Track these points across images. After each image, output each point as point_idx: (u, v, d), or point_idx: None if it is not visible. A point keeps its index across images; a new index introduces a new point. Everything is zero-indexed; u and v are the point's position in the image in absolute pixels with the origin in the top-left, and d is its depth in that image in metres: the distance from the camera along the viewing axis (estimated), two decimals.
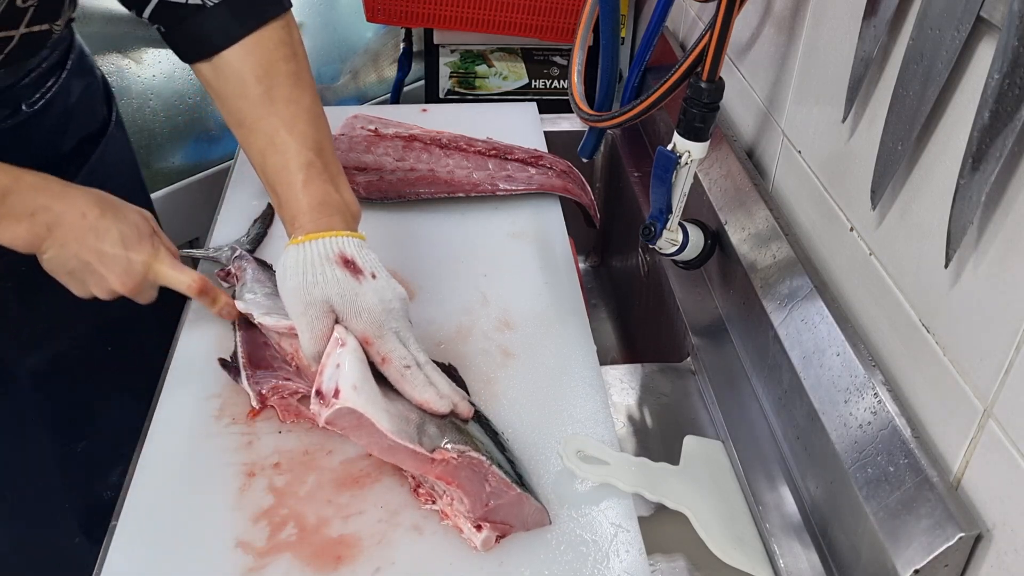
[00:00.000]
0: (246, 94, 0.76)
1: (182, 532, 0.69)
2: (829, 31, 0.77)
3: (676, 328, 1.00)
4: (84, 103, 0.92)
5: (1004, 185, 0.52)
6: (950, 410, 0.59)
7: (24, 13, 0.74)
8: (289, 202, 0.75)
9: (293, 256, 0.72)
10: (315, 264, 0.71)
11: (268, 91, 0.75)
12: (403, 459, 0.69)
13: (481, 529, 0.67)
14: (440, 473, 0.68)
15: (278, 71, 0.76)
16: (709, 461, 0.80)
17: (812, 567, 0.70)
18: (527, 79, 1.60)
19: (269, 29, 0.76)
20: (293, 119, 0.75)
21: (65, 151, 0.90)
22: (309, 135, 0.76)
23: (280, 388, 0.79)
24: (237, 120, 0.77)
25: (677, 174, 0.83)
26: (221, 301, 0.83)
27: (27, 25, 0.75)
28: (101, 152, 0.93)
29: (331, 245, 0.72)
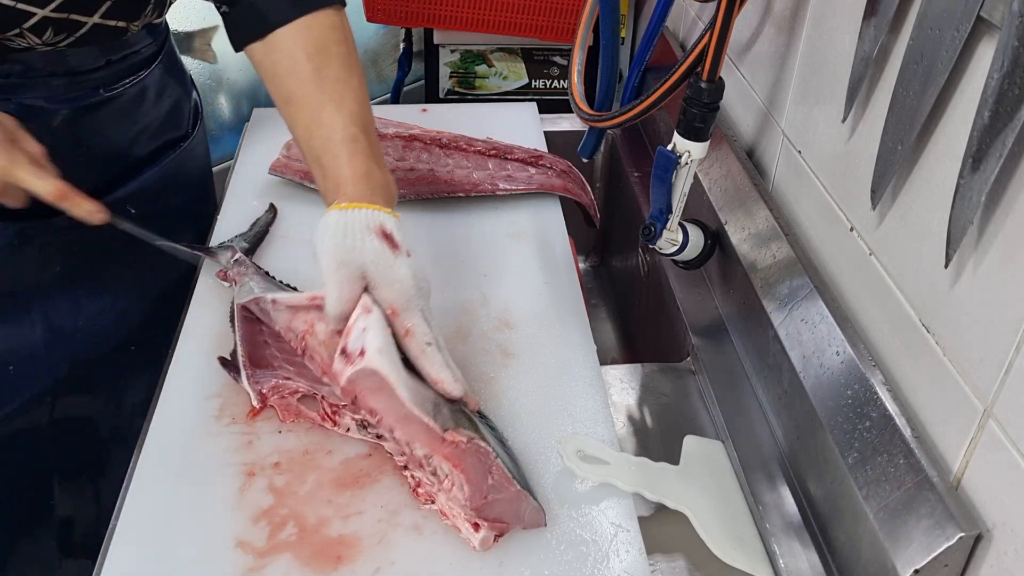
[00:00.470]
0: (296, 71, 0.78)
1: (182, 532, 0.69)
2: (829, 31, 0.77)
3: (676, 328, 1.00)
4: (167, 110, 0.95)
5: (1004, 185, 0.52)
6: (950, 410, 0.59)
7: (100, 4, 0.77)
8: (334, 172, 0.76)
9: (334, 219, 0.73)
10: (355, 230, 0.72)
11: (319, 69, 0.78)
12: (415, 432, 0.69)
13: (479, 528, 0.67)
14: (448, 454, 0.67)
15: (330, 52, 0.79)
16: (709, 461, 0.80)
17: (812, 567, 0.70)
18: (527, 79, 1.60)
19: (323, 14, 0.80)
20: (342, 97, 0.78)
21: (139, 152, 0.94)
22: (356, 113, 0.78)
23: (280, 387, 0.79)
24: (285, 97, 0.79)
25: (677, 174, 0.83)
26: (84, 206, 0.76)
27: (102, 16, 0.78)
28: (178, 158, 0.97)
29: (373, 216, 0.73)
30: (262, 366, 0.81)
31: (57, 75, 0.82)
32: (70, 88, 0.84)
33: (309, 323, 0.78)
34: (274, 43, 0.80)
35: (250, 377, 0.79)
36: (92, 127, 0.87)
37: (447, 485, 0.69)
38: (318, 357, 0.77)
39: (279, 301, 0.80)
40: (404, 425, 0.69)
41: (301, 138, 0.80)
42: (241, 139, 1.23)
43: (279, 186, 1.10)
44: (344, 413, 0.77)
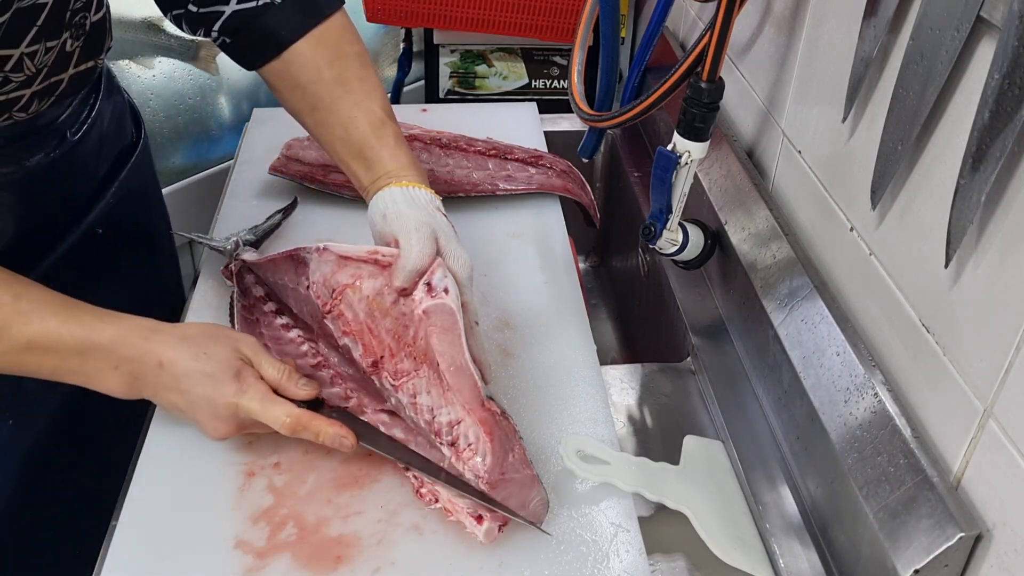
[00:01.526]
0: (321, 78, 0.81)
1: (182, 532, 0.69)
2: (829, 31, 0.77)
3: (676, 328, 1.00)
4: (114, 124, 0.93)
5: (1004, 185, 0.52)
6: (950, 410, 0.59)
7: (72, 56, 0.77)
8: (381, 160, 0.79)
9: (400, 192, 0.76)
10: (423, 203, 0.76)
11: (341, 73, 0.81)
12: (462, 385, 0.69)
13: (482, 521, 0.67)
14: (484, 419, 0.68)
15: (346, 54, 0.82)
16: (709, 461, 0.80)
17: (812, 567, 0.70)
18: (527, 79, 1.60)
19: (332, 20, 0.82)
20: (368, 94, 0.81)
21: (102, 172, 0.91)
22: (383, 106, 0.82)
23: None
24: (311, 105, 0.82)
25: (677, 174, 0.83)
26: (327, 432, 0.72)
27: (75, 66, 0.78)
28: (130, 170, 0.95)
29: (434, 198, 0.78)
30: None
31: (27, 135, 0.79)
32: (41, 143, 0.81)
33: (355, 277, 0.76)
34: (291, 58, 0.81)
35: None
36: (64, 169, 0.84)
37: (467, 455, 0.68)
38: (349, 313, 0.75)
39: (329, 249, 0.78)
40: (455, 375, 0.69)
41: (336, 138, 0.81)
42: (241, 139, 1.23)
43: (279, 186, 1.10)
44: None
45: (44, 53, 0.71)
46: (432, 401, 0.70)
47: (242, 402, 0.70)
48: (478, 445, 0.68)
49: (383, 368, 0.73)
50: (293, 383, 0.73)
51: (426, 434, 0.72)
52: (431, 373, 0.71)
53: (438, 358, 0.69)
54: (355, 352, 0.75)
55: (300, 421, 0.71)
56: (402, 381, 0.72)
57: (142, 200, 1.00)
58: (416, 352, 0.72)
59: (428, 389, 0.71)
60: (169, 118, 1.47)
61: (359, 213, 0.82)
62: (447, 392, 0.69)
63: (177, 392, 0.71)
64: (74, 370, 0.70)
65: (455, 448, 0.69)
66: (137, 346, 0.70)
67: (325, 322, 0.78)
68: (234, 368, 0.71)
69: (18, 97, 0.73)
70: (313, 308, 0.80)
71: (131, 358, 0.70)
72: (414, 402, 0.71)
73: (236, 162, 1.18)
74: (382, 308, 0.74)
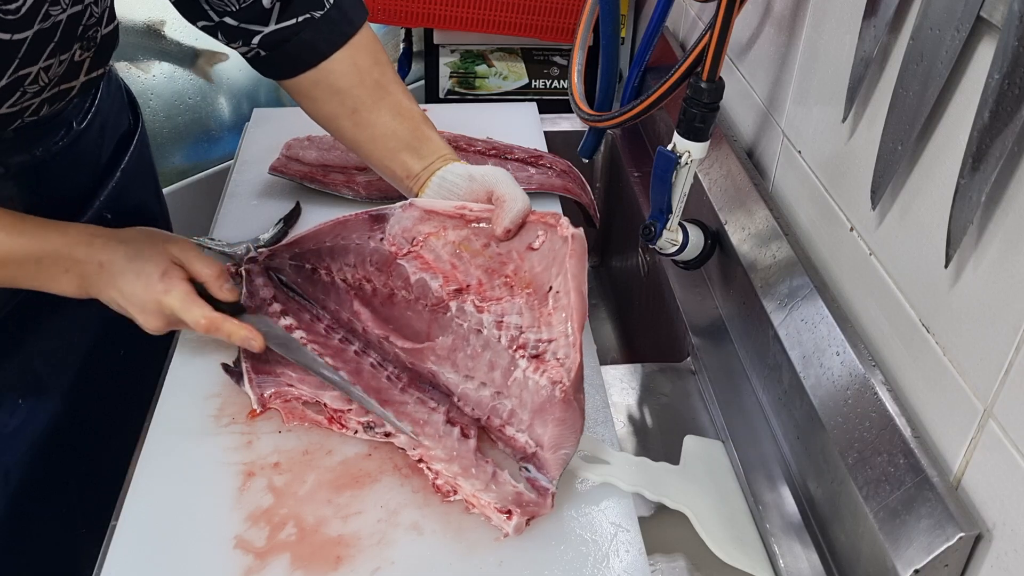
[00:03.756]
0: (363, 82, 0.85)
1: (182, 532, 0.69)
2: (829, 31, 0.77)
3: (676, 328, 1.00)
4: (114, 112, 0.96)
5: (1004, 185, 0.52)
6: (950, 410, 0.59)
7: (82, 65, 0.80)
8: (431, 149, 0.85)
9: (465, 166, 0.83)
10: None
11: (380, 77, 0.86)
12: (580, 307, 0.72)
13: (512, 516, 0.68)
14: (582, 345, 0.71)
15: (381, 61, 0.87)
16: (709, 461, 0.80)
17: (812, 567, 0.70)
18: (527, 79, 1.60)
19: (363, 30, 0.86)
20: (405, 94, 0.87)
21: (104, 159, 0.95)
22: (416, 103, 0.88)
23: (282, 393, 0.79)
24: (352, 108, 0.85)
25: (677, 174, 0.83)
26: (239, 334, 0.79)
27: (86, 74, 0.82)
28: (131, 156, 0.98)
29: None
30: (264, 372, 0.81)
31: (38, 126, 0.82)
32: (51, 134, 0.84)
33: (440, 227, 0.81)
34: (330, 67, 0.84)
35: (252, 381, 0.79)
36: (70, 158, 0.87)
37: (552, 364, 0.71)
38: (430, 255, 0.80)
39: (415, 204, 0.83)
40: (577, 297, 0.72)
41: (380, 135, 0.85)
42: (241, 139, 1.23)
43: (279, 186, 1.10)
44: (350, 417, 0.77)
45: (58, 66, 0.75)
46: (524, 321, 0.74)
47: (165, 300, 0.77)
48: (568, 361, 0.71)
49: (468, 294, 0.78)
50: (218, 286, 0.81)
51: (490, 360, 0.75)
52: (531, 300, 0.75)
53: (569, 279, 0.73)
54: (433, 284, 0.79)
55: (214, 322, 0.78)
56: (489, 303, 0.76)
57: (143, 184, 1.03)
58: (514, 282, 0.76)
59: (520, 312, 0.75)
60: (169, 118, 1.47)
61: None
62: (547, 316, 0.73)
63: (115, 289, 0.77)
64: (31, 275, 0.75)
65: (538, 359, 0.72)
66: (81, 251, 0.76)
67: (398, 263, 0.82)
68: (162, 268, 0.78)
69: (29, 105, 0.76)
70: (381, 257, 0.83)
71: (78, 260, 0.76)
72: (500, 321, 0.75)
73: (236, 162, 1.18)
74: (471, 250, 0.80)
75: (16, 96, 0.73)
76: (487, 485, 0.70)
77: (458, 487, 0.71)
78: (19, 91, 0.73)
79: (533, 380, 0.71)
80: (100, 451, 0.97)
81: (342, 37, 0.84)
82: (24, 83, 0.72)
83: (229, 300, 0.82)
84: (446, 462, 0.72)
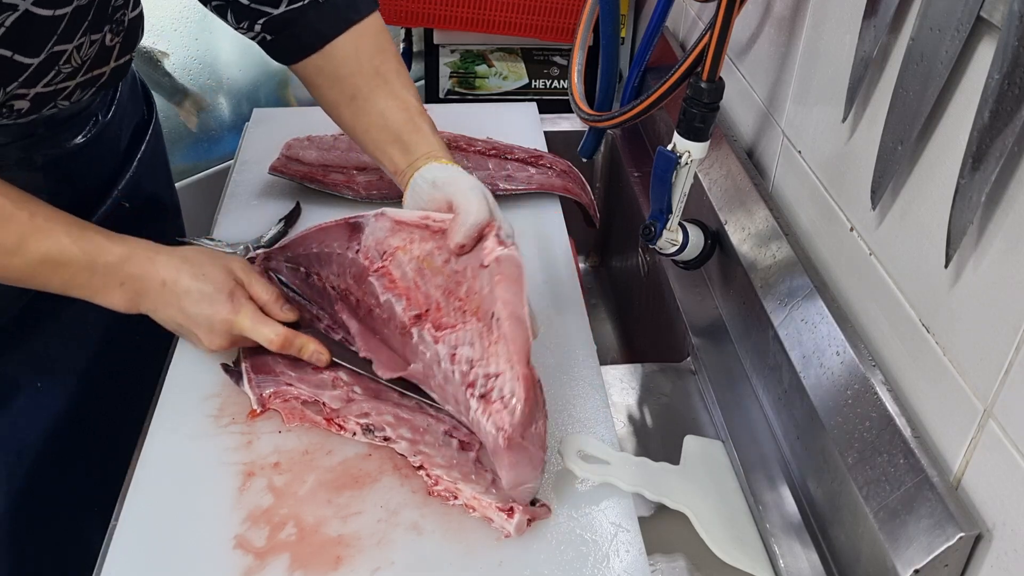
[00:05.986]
0: (362, 70, 0.84)
1: (182, 532, 0.69)
2: (829, 31, 0.77)
3: (676, 328, 1.00)
4: (130, 102, 0.98)
5: (1004, 185, 0.52)
6: (950, 410, 0.59)
7: (112, 51, 0.81)
8: (420, 143, 0.83)
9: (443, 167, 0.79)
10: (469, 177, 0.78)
11: (380, 66, 0.85)
12: (517, 335, 0.69)
13: (513, 514, 0.68)
14: (526, 376, 0.67)
15: (385, 50, 0.86)
16: (709, 461, 0.80)
17: (812, 567, 0.70)
18: (527, 79, 1.60)
19: (370, 18, 0.86)
20: (405, 86, 0.86)
21: (122, 148, 0.96)
22: (419, 98, 0.87)
23: (282, 393, 0.79)
24: (350, 95, 0.85)
25: (677, 174, 0.83)
26: (309, 348, 0.81)
27: (115, 60, 0.82)
28: (146, 146, 0.99)
29: None
30: (264, 372, 0.81)
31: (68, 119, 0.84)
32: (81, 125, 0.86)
33: (407, 240, 0.79)
34: (333, 52, 0.84)
35: (251, 382, 0.79)
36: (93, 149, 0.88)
37: (496, 407, 0.68)
38: (396, 272, 0.79)
39: (386, 214, 0.81)
40: (513, 326, 0.69)
41: (373, 125, 0.84)
42: (241, 139, 1.23)
43: (279, 186, 1.10)
44: (349, 417, 0.77)
45: (89, 46, 0.76)
46: (474, 353, 0.71)
47: (236, 320, 0.78)
48: (511, 401, 0.67)
49: (426, 320, 0.75)
50: (279, 307, 0.82)
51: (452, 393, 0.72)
52: (479, 326, 0.72)
53: (500, 306, 0.69)
54: (397, 307, 0.77)
55: (286, 338, 0.80)
56: (444, 333, 0.74)
57: (157, 174, 1.05)
58: (467, 306, 0.73)
59: (472, 342, 0.71)
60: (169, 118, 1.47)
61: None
62: (492, 345, 0.70)
63: (177, 308, 0.77)
64: (82, 284, 0.75)
65: (485, 400, 0.68)
66: (142, 265, 0.76)
67: (369, 280, 0.80)
68: (228, 288, 0.79)
69: (64, 88, 0.77)
70: (357, 270, 0.82)
71: (136, 276, 0.76)
72: (453, 353, 0.72)
73: (236, 162, 1.18)
74: (432, 267, 0.77)
75: (51, 75, 0.73)
76: (487, 489, 0.70)
77: (458, 492, 0.70)
78: (54, 69, 0.73)
79: (482, 423, 0.68)
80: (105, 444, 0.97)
81: (346, 22, 0.84)
82: (59, 61, 0.72)
83: (289, 320, 0.82)
84: (446, 468, 0.72)
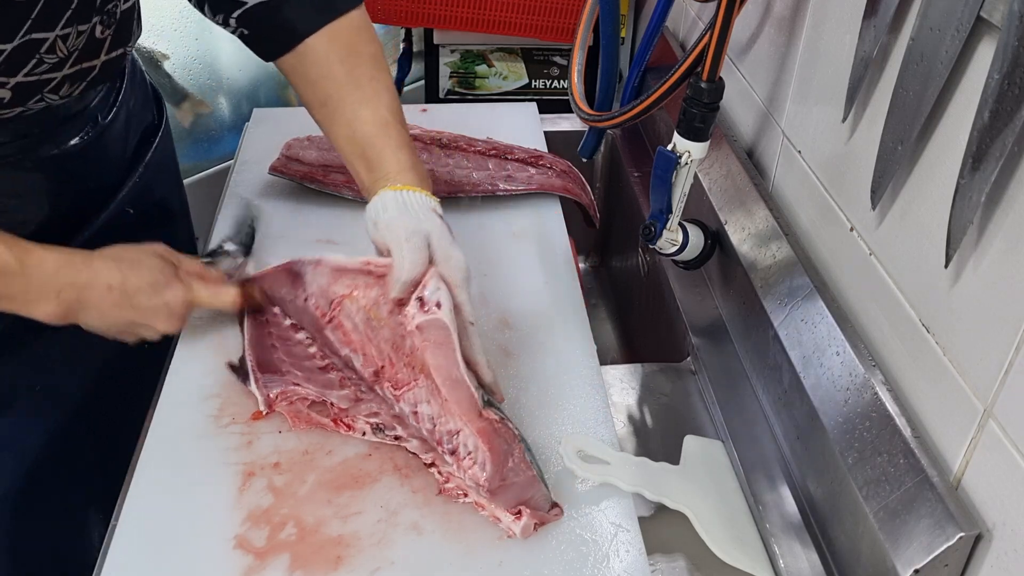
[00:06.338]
0: (332, 75, 0.82)
1: (182, 532, 0.69)
2: (829, 31, 0.77)
3: (676, 328, 1.00)
4: (138, 107, 0.97)
5: (1004, 185, 0.52)
6: (950, 410, 0.59)
7: (103, 44, 0.79)
8: (381, 163, 0.80)
9: (392, 197, 0.77)
10: (416, 207, 0.77)
11: (352, 71, 0.82)
12: (459, 398, 0.70)
13: (521, 516, 0.68)
14: (482, 429, 0.68)
15: (360, 53, 0.83)
16: (709, 461, 0.80)
17: (812, 567, 0.70)
18: (527, 79, 1.60)
19: (348, 17, 0.83)
20: (377, 94, 0.82)
21: (128, 154, 0.95)
22: (391, 107, 0.83)
23: (288, 394, 0.78)
24: (321, 100, 0.83)
25: (677, 174, 0.83)
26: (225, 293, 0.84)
27: (106, 53, 0.81)
28: (155, 151, 0.99)
29: (428, 199, 0.78)
30: (270, 371, 0.80)
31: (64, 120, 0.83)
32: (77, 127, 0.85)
33: (351, 287, 0.78)
34: (305, 52, 0.82)
35: (258, 381, 0.79)
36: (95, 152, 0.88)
37: (467, 463, 0.69)
38: (348, 324, 0.78)
39: (324, 262, 0.80)
40: (451, 389, 0.70)
41: (341, 135, 0.83)
42: (241, 139, 1.23)
43: (279, 186, 1.10)
44: (358, 417, 0.76)
45: (76, 37, 0.74)
46: (432, 411, 0.71)
47: (193, 296, 0.80)
48: (478, 454, 0.68)
49: (384, 378, 0.75)
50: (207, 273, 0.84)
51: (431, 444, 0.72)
52: (429, 383, 0.72)
53: (433, 373, 0.71)
54: (356, 363, 0.77)
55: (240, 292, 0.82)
56: (402, 391, 0.73)
57: (166, 179, 1.05)
58: (414, 362, 0.73)
59: (428, 399, 0.72)
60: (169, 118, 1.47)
61: (359, 213, 0.82)
62: (445, 403, 0.71)
63: (129, 307, 0.77)
64: (15, 295, 0.72)
65: (456, 456, 0.70)
66: (82, 273, 0.75)
67: (326, 333, 0.79)
68: (170, 272, 0.79)
69: (49, 79, 0.75)
70: (312, 319, 0.81)
71: (80, 284, 0.74)
72: (415, 411, 0.72)
73: (236, 162, 1.18)
74: (379, 318, 0.76)
75: (33, 64, 0.72)
76: None
77: (468, 490, 0.70)
78: (35, 58, 0.72)
79: (463, 477, 0.70)
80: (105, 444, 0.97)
81: (319, 20, 0.82)
82: (40, 49, 0.71)
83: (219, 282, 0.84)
84: None
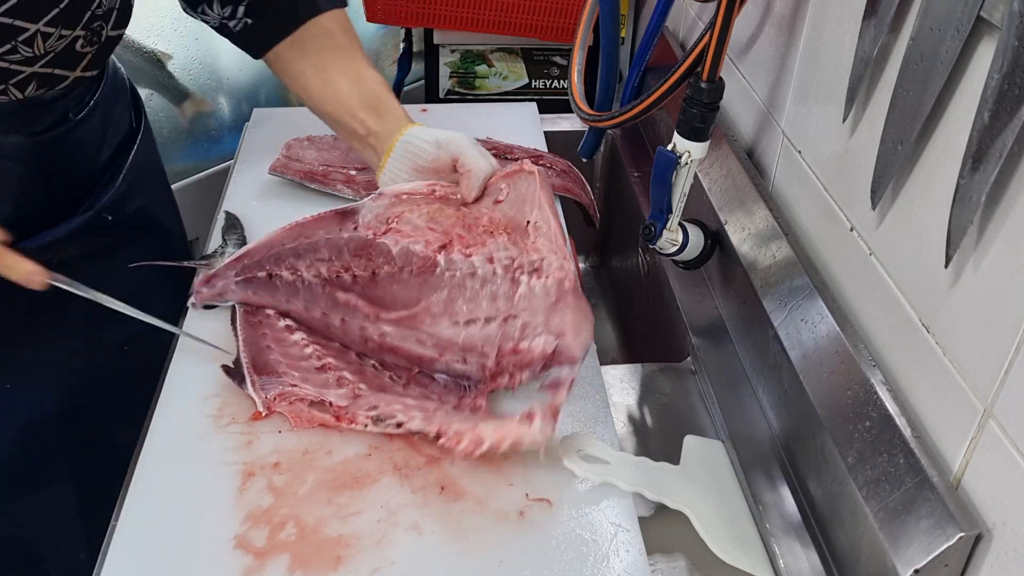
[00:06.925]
0: (336, 44, 0.93)
1: (182, 532, 0.69)
2: (829, 31, 0.77)
3: (676, 328, 1.00)
4: (117, 113, 0.97)
5: (1004, 185, 0.52)
6: (950, 410, 0.59)
7: (82, 59, 0.81)
8: (394, 109, 0.92)
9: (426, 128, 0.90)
10: None
11: (351, 42, 0.94)
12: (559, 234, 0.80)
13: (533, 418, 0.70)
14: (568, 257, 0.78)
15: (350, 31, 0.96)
16: (709, 461, 0.80)
17: (812, 567, 0.70)
18: (527, 79, 1.60)
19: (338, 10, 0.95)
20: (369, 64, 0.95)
21: (104, 158, 0.95)
22: None
23: (287, 395, 0.78)
24: (322, 67, 0.93)
25: (677, 174, 0.83)
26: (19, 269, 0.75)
27: (82, 70, 0.82)
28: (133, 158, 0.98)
29: None
30: (266, 372, 0.80)
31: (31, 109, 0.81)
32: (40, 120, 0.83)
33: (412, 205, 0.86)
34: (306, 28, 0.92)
35: (255, 383, 0.79)
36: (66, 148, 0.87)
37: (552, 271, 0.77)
38: (407, 227, 0.84)
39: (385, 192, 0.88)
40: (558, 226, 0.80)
41: (344, 91, 0.92)
42: (241, 139, 1.23)
43: (279, 186, 1.10)
44: (358, 413, 0.76)
45: (56, 39, 0.74)
46: (513, 253, 0.80)
47: None
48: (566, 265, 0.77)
49: (452, 247, 0.82)
50: None
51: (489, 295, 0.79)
52: (512, 236, 0.81)
53: (548, 208, 0.81)
54: (417, 247, 0.82)
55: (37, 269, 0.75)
56: (474, 248, 0.81)
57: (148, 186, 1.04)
58: (493, 228, 0.83)
59: (507, 247, 0.80)
60: (169, 118, 1.47)
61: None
62: (532, 244, 0.80)
63: None
64: None
65: (537, 273, 0.77)
66: None
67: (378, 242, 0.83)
68: None
69: (18, 71, 0.75)
70: (358, 243, 0.85)
71: None
72: (491, 258, 0.80)
73: (236, 162, 1.18)
74: (445, 215, 0.85)
75: (7, 48, 0.71)
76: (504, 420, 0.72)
77: (482, 435, 0.71)
78: (10, 43, 0.71)
79: (539, 285, 0.76)
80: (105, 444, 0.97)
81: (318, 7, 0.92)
82: (17, 36, 0.71)
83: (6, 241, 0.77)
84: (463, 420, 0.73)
